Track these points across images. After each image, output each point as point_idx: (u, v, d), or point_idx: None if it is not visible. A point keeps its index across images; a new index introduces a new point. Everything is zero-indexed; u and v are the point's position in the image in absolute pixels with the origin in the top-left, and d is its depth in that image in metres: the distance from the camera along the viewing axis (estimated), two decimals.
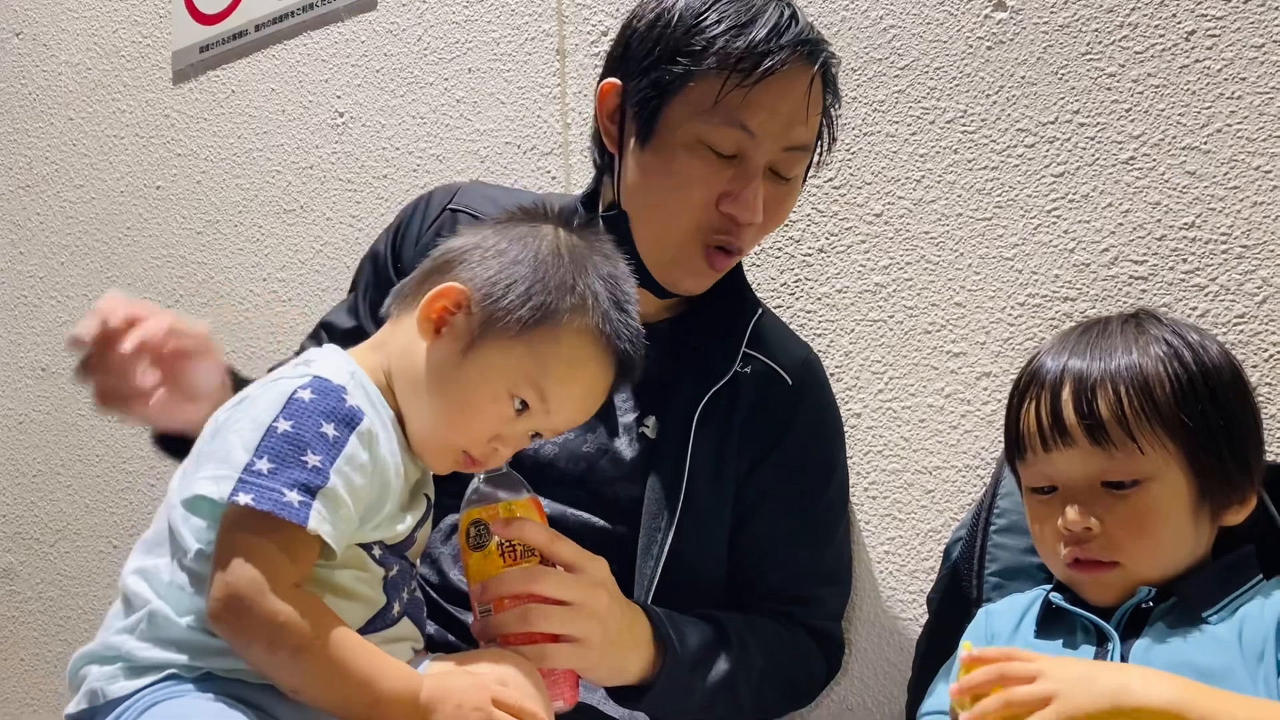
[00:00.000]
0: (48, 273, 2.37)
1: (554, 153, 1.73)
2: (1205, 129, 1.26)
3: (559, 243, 0.97)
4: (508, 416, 0.95)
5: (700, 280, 1.23)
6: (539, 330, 0.94)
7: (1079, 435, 0.97)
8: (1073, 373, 0.99)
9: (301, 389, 0.88)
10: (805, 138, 1.18)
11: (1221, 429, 0.97)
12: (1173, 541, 0.97)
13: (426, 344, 0.95)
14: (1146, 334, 1.00)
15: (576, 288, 0.95)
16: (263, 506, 0.82)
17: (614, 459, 1.23)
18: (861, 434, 1.45)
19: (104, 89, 2.31)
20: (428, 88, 1.87)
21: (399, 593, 0.95)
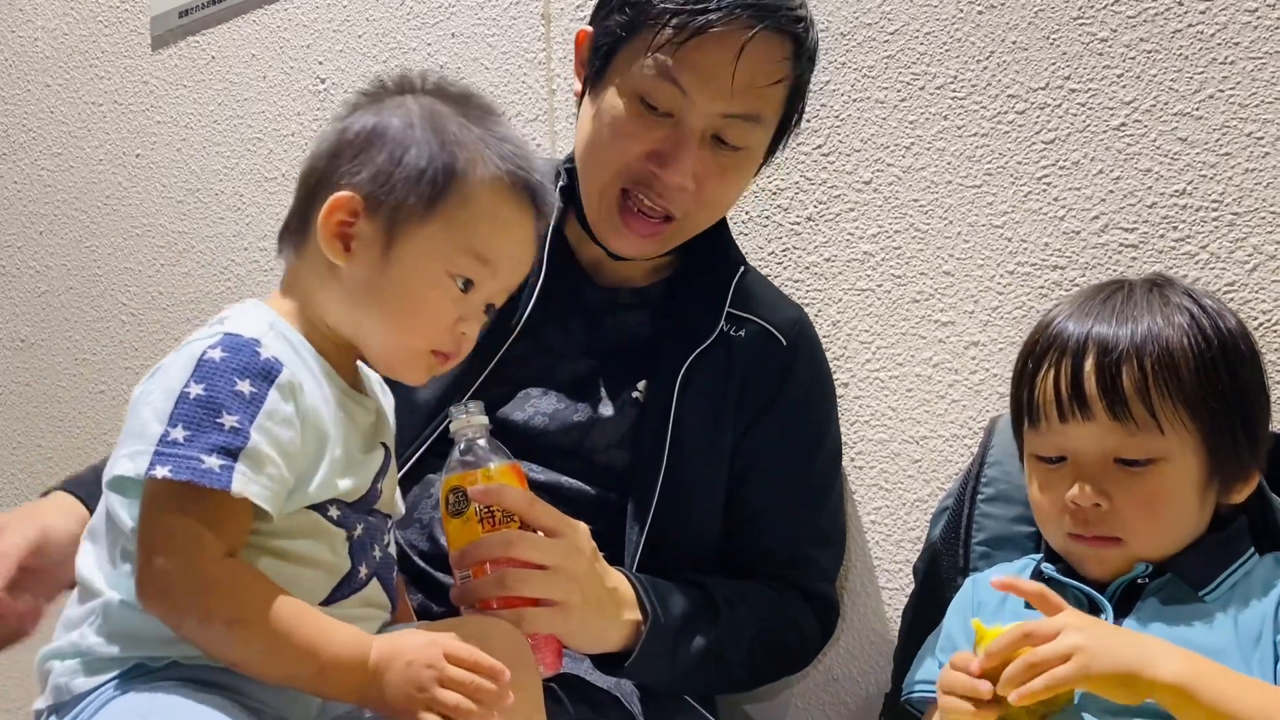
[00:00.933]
0: (25, 243, 2.34)
1: (539, 119, 1.71)
2: (1197, 95, 1.25)
3: (423, 107, 0.92)
4: (456, 297, 0.91)
5: (631, 242, 1.20)
6: (447, 199, 0.89)
7: (1099, 409, 0.95)
8: (1097, 341, 0.96)
9: (211, 349, 0.83)
10: (751, 106, 1.14)
11: (1237, 407, 0.96)
12: (1179, 521, 0.97)
13: (342, 265, 0.89)
14: (1170, 302, 0.98)
15: (462, 140, 0.90)
16: (181, 476, 0.78)
17: (606, 426, 1.22)
18: (849, 404, 1.44)
19: (81, 55, 2.27)
20: (411, 53, 1.85)
21: (366, 553, 0.91)
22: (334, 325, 0.92)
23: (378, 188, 0.88)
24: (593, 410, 1.22)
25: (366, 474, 0.92)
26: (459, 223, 0.90)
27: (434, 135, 0.90)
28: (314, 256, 0.91)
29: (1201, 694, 0.81)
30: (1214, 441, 0.95)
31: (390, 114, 0.91)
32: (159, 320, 2.14)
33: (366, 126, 0.91)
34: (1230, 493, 0.99)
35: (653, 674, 1.13)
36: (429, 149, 0.89)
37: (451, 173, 0.89)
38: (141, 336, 2.16)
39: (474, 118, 0.93)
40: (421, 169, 0.89)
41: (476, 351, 1.21)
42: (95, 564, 0.87)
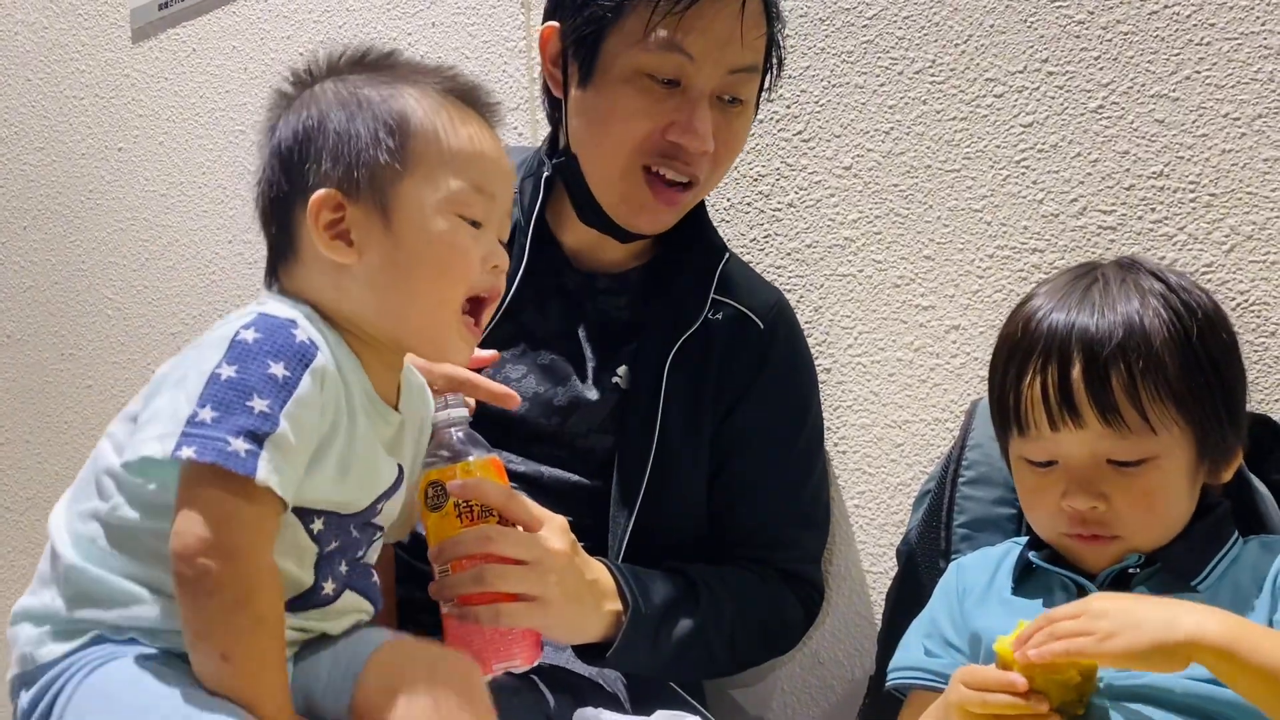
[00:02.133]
0: (9, 238, 2.34)
1: (520, 108, 1.71)
2: (1174, 76, 1.25)
3: (334, 86, 0.90)
4: (473, 234, 0.89)
5: (655, 217, 1.21)
6: (411, 144, 0.87)
7: (1091, 417, 0.94)
8: (1081, 340, 0.95)
9: (244, 329, 0.81)
10: (748, 59, 1.17)
11: (1219, 386, 0.96)
12: (1174, 511, 0.97)
13: (351, 261, 0.87)
14: (1142, 287, 0.97)
15: (394, 84, 0.89)
16: (206, 458, 0.76)
17: (586, 411, 1.22)
18: (831, 389, 1.45)
19: (62, 49, 2.26)
20: (391, 43, 1.83)
21: (333, 568, 0.88)
22: (363, 325, 0.89)
23: (345, 170, 0.87)
24: (573, 394, 1.23)
25: (370, 489, 0.90)
26: (436, 161, 0.88)
27: (358, 101, 0.88)
28: (317, 273, 0.89)
29: (1241, 648, 0.79)
30: (1203, 429, 0.95)
31: (311, 107, 0.89)
32: (144, 314, 2.14)
33: (298, 128, 0.89)
34: (1218, 473, 0.99)
35: (635, 663, 1.14)
36: (368, 110, 0.88)
37: (401, 119, 0.87)
38: (127, 331, 2.16)
39: (381, 67, 0.92)
40: (373, 129, 0.87)
41: None
42: (65, 525, 0.86)
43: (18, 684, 0.85)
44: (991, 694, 0.85)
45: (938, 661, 1.02)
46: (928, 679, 1.02)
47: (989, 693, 0.85)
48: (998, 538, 1.13)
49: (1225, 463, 0.99)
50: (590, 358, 1.25)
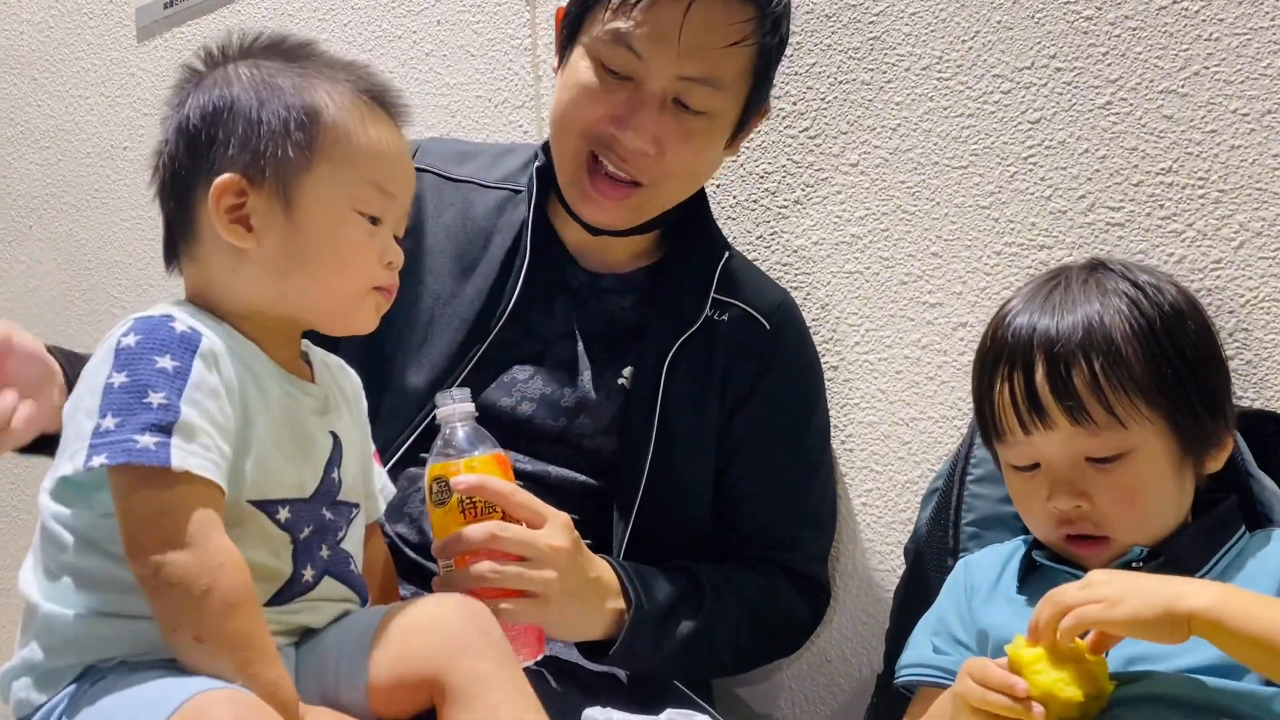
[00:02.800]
0: (15, 237, 2.34)
1: (525, 106, 1.70)
2: (1182, 72, 1.24)
3: (248, 70, 0.90)
4: (370, 230, 0.90)
5: (602, 209, 1.20)
6: (319, 139, 0.88)
7: (1058, 417, 0.94)
8: (1042, 342, 0.96)
9: (124, 336, 0.82)
10: (706, 69, 1.14)
11: (1191, 380, 0.96)
12: (1161, 505, 0.96)
13: (250, 246, 0.87)
14: (1105, 287, 0.97)
15: (301, 82, 0.89)
16: (118, 460, 0.77)
17: (593, 412, 1.22)
18: (838, 387, 1.44)
19: (67, 48, 2.26)
20: (396, 41, 1.84)
21: (312, 555, 0.90)
22: (261, 308, 0.90)
23: (251, 158, 0.87)
24: (579, 395, 1.23)
25: (316, 464, 0.90)
26: (342, 158, 0.89)
27: (272, 88, 0.88)
28: (214, 253, 0.89)
29: (1232, 617, 0.79)
30: (1177, 420, 0.95)
31: (222, 87, 0.89)
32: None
33: (207, 108, 0.88)
34: (1205, 463, 0.98)
35: (638, 661, 1.14)
36: (279, 100, 0.88)
37: (313, 113, 0.88)
38: None
39: (296, 57, 0.92)
40: (284, 119, 0.87)
41: (465, 337, 1.22)
42: (34, 582, 0.86)
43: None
44: (991, 693, 0.85)
45: (946, 659, 1.02)
46: (935, 676, 1.01)
47: (989, 690, 0.85)
48: (1006, 535, 1.13)
49: (1211, 452, 0.98)
50: (596, 358, 1.24)
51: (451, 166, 1.31)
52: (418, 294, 1.25)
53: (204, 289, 0.91)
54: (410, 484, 1.19)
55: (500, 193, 1.29)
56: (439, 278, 1.25)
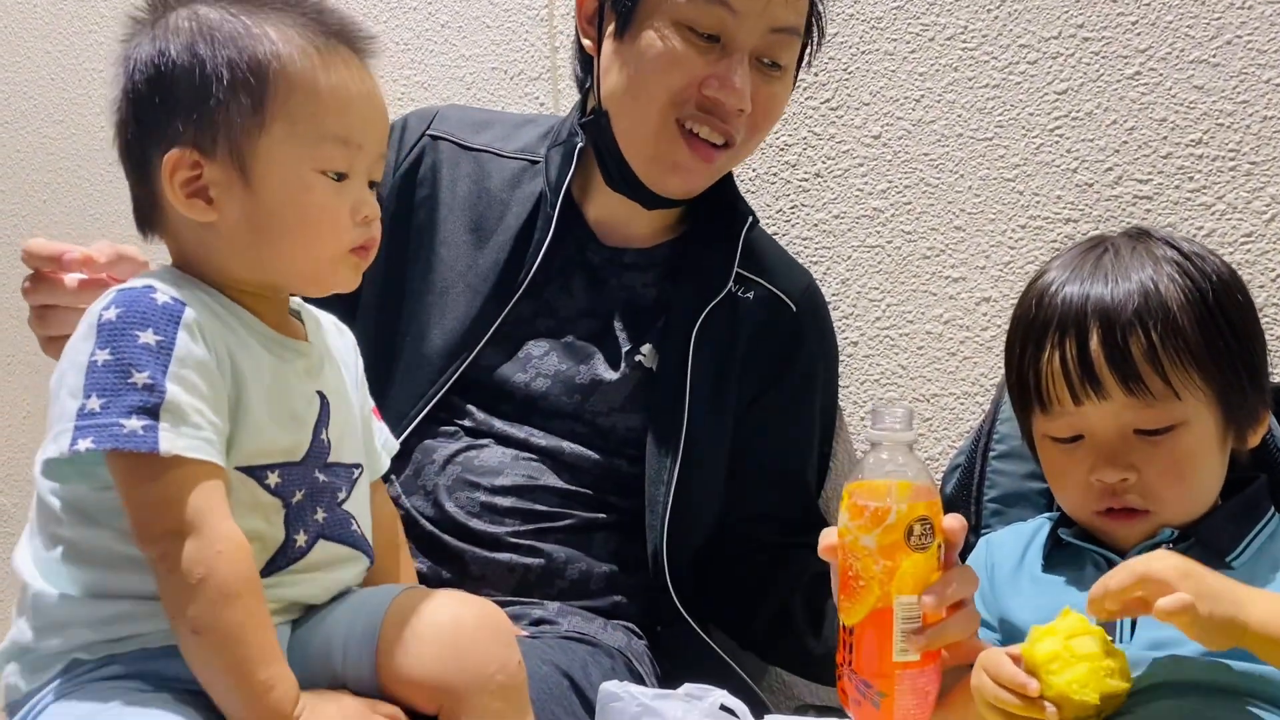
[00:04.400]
0: (30, 211, 2.33)
1: (542, 77, 1.69)
2: (1214, 41, 1.22)
3: (188, 20, 0.83)
4: (337, 189, 0.84)
5: (687, 177, 1.18)
6: (271, 96, 0.81)
7: (1113, 388, 0.92)
8: (1097, 310, 0.93)
9: (105, 310, 0.78)
10: (791, 18, 1.15)
11: (1240, 352, 0.95)
12: (1205, 480, 0.95)
13: (213, 219, 0.83)
14: (1155, 255, 0.95)
15: (244, 29, 0.82)
16: (104, 445, 0.74)
17: (608, 389, 1.21)
18: (859, 362, 1.43)
19: (80, 20, 2.25)
20: (411, 12, 1.82)
21: (305, 519, 0.86)
22: (239, 276, 0.86)
23: (199, 126, 0.81)
24: (595, 373, 1.21)
25: (305, 427, 0.87)
26: (297, 113, 0.82)
27: (213, 41, 0.81)
28: (181, 225, 0.85)
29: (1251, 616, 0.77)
30: (1227, 393, 0.94)
31: (159, 43, 0.82)
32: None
33: (146, 68, 0.82)
34: (1245, 438, 0.97)
35: None
36: (221, 56, 0.81)
37: (259, 66, 0.81)
38: None
39: (241, 1, 0.84)
40: (228, 81, 0.81)
41: (480, 309, 1.21)
42: (30, 556, 0.84)
43: (9, 714, 0.84)
44: (1004, 691, 0.83)
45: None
46: None
47: (1001, 689, 0.83)
48: (1029, 513, 1.12)
49: (1251, 427, 0.97)
50: (614, 335, 1.23)
51: (468, 135, 1.29)
52: (431, 264, 1.24)
53: (183, 257, 0.87)
54: (424, 456, 1.18)
55: (518, 163, 1.27)
56: (453, 248, 1.24)
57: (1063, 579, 0.98)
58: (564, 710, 0.99)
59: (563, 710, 0.99)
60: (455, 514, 1.16)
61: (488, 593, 1.08)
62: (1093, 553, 0.97)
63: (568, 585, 1.17)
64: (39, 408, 2.32)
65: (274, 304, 0.89)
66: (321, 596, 0.89)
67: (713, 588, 1.26)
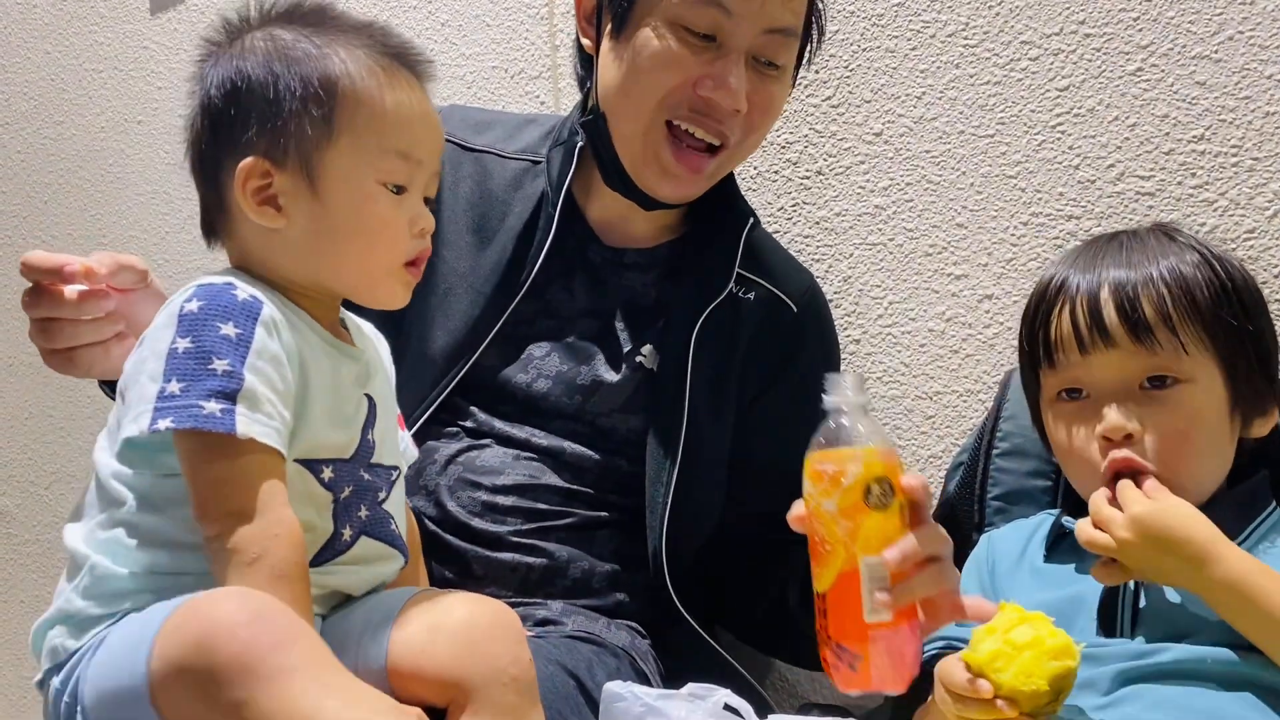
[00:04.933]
0: (31, 212, 2.33)
1: (542, 76, 1.68)
2: (1216, 37, 1.21)
3: (264, 41, 0.89)
4: (396, 201, 0.90)
5: (677, 184, 1.18)
6: (339, 110, 0.87)
7: (1121, 335, 0.94)
8: (1112, 278, 0.96)
9: (187, 302, 0.83)
10: (787, 19, 1.14)
11: (1251, 337, 0.96)
12: (1207, 452, 0.95)
13: (280, 226, 0.88)
14: (1178, 243, 0.99)
15: (316, 49, 0.88)
16: (184, 425, 0.78)
17: (609, 390, 1.21)
18: (861, 360, 1.42)
19: (80, 21, 2.25)
20: (412, 11, 1.82)
21: (351, 515, 0.90)
22: (300, 280, 0.91)
23: (272, 138, 0.86)
24: (596, 373, 1.21)
25: (355, 427, 0.91)
26: (364, 128, 0.88)
27: (288, 60, 0.87)
28: (249, 232, 0.90)
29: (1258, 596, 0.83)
30: (1233, 366, 0.95)
31: (236, 61, 0.88)
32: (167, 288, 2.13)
33: (224, 85, 0.88)
34: (1251, 426, 0.97)
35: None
36: (295, 73, 0.87)
37: (329, 82, 0.87)
38: None
39: (311, 22, 0.91)
40: (300, 95, 0.86)
41: (482, 310, 1.21)
42: (82, 536, 0.87)
43: (49, 675, 0.86)
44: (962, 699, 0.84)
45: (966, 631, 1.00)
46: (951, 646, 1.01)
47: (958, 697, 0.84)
48: (1032, 510, 1.11)
49: (1259, 416, 0.98)
50: (614, 337, 1.23)
51: (470, 135, 1.29)
52: (434, 265, 1.24)
53: (246, 262, 0.92)
54: (426, 457, 1.18)
55: (519, 164, 1.27)
56: (456, 249, 1.24)
57: (1064, 568, 0.98)
58: (571, 710, 0.99)
59: (570, 710, 0.99)
60: (457, 513, 1.16)
61: (491, 592, 1.08)
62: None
63: (570, 584, 1.17)
64: (41, 409, 2.32)
65: (328, 310, 0.94)
66: (361, 588, 0.92)
67: (714, 585, 1.26)
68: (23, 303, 0.96)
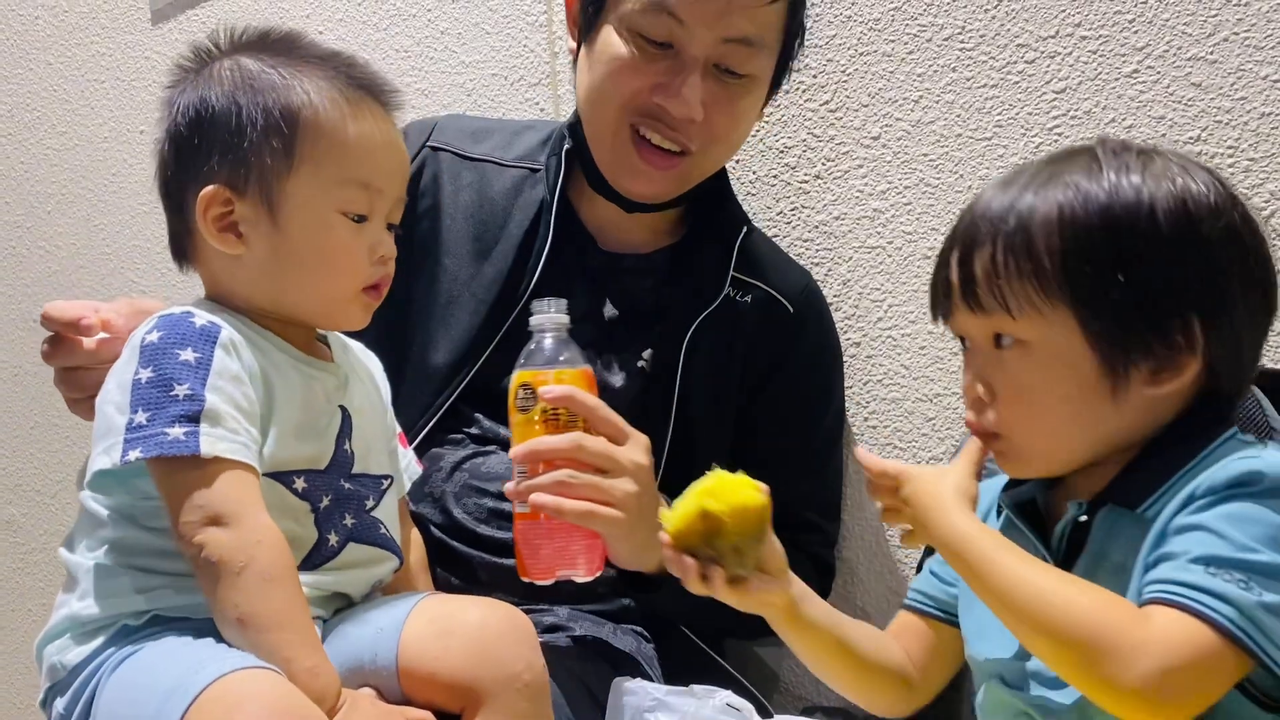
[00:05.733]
0: (35, 223, 2.34)
1: (542, 83, 1.69)
2: (1211, 38, 1.22)
3: (230, 69, 0.90)
4: (356, 229, 0.91)
5: (647, 183, 1.19)
6: (300, 141, 0.88)
7: (956, 297, 0.87)
8: (972, 221, 0.85)
9: (148, 334, 0.85)
10: (744, 29, 1.12)
11: (1132, 287, 0.80)
12: (1064, 416, 0.83)
13: (240, 253, 0.90)
14: (1101, 168, 0.82)
15: (280, 80, 0.89)
16: (151, 453, 0.81)
17: (612, 395, 1.22)
18: (861, 363, 1.43)
19: (82, 32, 2.26)
20: (411, 20, 1.83)
21: (336, 522, 0.92)
22: (262, 305, 0.92)
23: (233, 166, 0.88)
24: (601, 378, 1.22)
25: (328, 439, 0.93)
26: (324, 158, 0.89)
27: (252, 90, 0.89)
28: (213, 256, 0.92)
29: (965, 556, 0.81)
30: (1098, 323, 0.81)
31: (202, 90, 0.90)
32: (170, 297, 2.14)
33: (189, 113, 0.90)
34: (1154, 382, 0.82)
35: (681, 605, 1.13)
36: (257, 104, 0.88)
37: (291, 113, 0.88)
38: None
39: (279, 51, 0.92)
40: (261, 126, 0.88)
41: (485, 319, 1.22)
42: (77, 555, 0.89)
43: (51, 696, 0.87)
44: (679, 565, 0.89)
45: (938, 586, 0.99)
46: (918, 602, 1.00)
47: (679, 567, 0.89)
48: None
49: (1167, 370, 0.81)
50: (616, 341, 1.24)
51: (468, 145, 1.30)
52: (436, 275, 1.24)
53: (215, 287, 0.94)
54: (432, 464, 1.19)
55: (518, 171, 1.27)
56: (457, 259, 1.25)
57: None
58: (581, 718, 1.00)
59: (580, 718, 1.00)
60: (463, 520, 1.17)
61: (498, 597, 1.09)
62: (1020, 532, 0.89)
63: (576, 590, 1.16)
64: (46, 419, 2.33)
65: (301, 330, 0.96)
66: (359, 589, 0.94)
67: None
68: (42, 353, 0.98)
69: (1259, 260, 0.84)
